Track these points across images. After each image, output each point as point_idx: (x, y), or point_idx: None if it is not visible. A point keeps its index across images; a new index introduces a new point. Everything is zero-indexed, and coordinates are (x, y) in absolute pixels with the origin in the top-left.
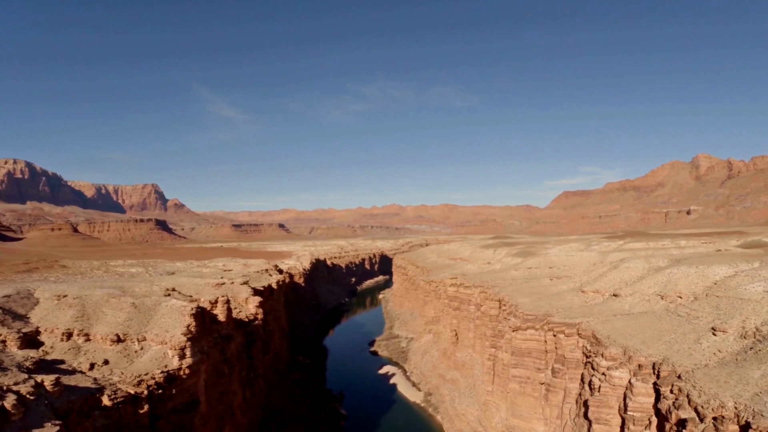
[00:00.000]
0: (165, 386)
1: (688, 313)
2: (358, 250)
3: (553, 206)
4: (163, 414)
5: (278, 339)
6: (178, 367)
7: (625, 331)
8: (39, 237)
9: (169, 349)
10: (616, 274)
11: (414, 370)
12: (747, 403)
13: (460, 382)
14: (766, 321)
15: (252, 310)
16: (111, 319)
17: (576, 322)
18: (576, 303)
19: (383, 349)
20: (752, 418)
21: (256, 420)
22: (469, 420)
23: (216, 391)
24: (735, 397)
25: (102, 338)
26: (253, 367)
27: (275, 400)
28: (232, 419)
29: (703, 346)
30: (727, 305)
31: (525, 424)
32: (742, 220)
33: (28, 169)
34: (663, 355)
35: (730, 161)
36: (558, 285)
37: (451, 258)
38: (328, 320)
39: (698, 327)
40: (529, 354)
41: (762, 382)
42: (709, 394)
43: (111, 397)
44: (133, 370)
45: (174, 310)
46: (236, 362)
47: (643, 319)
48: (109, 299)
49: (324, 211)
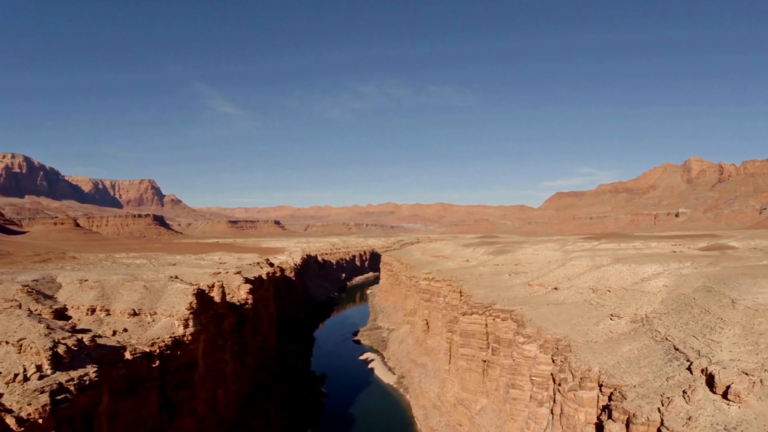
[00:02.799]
0: (172, 348)
1: (599, 302)
2: (349, 248)
3: (545, 207)
4: (170, 370)
5: (267, 324)
6: (182, 334)
7: (547, 316)
8: (42, 231)
9: (175, 321)
10: (562, 270)
11: (391, 356)
12: (607, 368)
13: (429, 366)
14: (655, 310)
15: (243, 295)
16: (127, 298)
17: (512, 309)
18: (521, 294)
19: (365, 338)
20: (606, 378)
21: (245, 391)
22: (431, 397)
23: (212, 358)
24: (601, 364)
25: (120, 312)
26: (243, 344)
27: (262, 377)
28: (224, 384)
29: (599, 328)
30: (630, 297)
31: (471, 397)
32: (729, 223)
33: (26, 163)
34: (565, 334)
35: (721, 165)
36: (513, 279)
37: (434, 256)
38: (317, 312)
39: (602, 313)
40: (473, 336)
41: (626, 354)
42: (584, 361)
43: (131, 353)
44: (147, 336)
45: (179, 291)
46: (228, 337)
47: (565, 307)
48: (124, 283)
49: (320, 208)
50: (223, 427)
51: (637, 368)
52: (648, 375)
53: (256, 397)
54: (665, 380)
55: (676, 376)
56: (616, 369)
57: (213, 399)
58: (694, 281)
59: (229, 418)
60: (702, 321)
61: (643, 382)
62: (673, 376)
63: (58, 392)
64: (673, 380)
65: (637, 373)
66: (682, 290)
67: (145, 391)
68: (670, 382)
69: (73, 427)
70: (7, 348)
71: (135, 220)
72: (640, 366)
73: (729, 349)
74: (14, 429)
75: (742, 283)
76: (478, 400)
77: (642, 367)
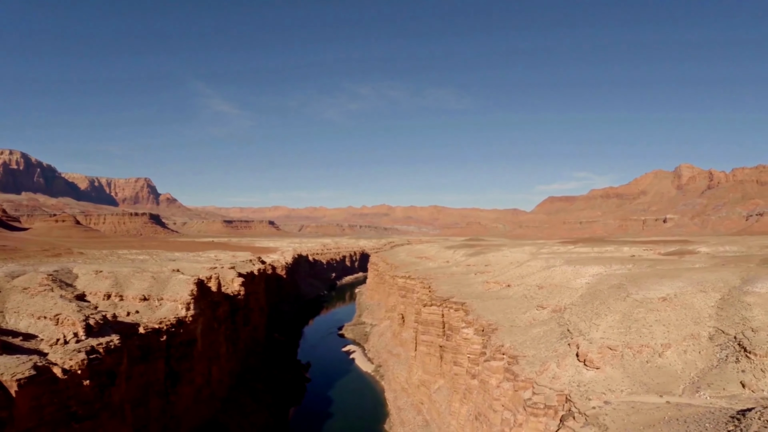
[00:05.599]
0: (176, 326)
1: (533, 296)
2: (340, 248)
3: (537, 211)
4: (174, 344)
5: (257, 316)
6: (184, 315)
7: (490, 307)
8: (44, 228)
9: (179, 304)
10: (518, 270)
11: (371, 348)
12: (516, 345)
13: (402, 355)
14: (573, 302)
15: (236, 288)
16: (138, 286)
17: (465, 301)
18: (478, 290)
19: (349, 332)
20: (512, 351)
21: (236, 371)
22: (400, 381)
23: (208, 339)
24: (512, 342)
25: (133, 298)
26: (235, 330)
27: (252, 362)
28: (218, 362)
29: (525, 316)
30: (558, 292)
31: (431, 378)
32: (715, 229)
33: (24, 159)
34: (497, 320)
35: (711, 172)
36: (477, 278)
37: (417, 257)
38: (306, 309)
39: (531, 305)
40: (432, 324)
41: (534, 334)
42: (501, 340)
43: (144, 328)
44: (155, 316)
45: (182, 280)
46: (222, 322)
47: (508, 300)
48: (135, 273)
49: (315, 209)
50: (216, 399)
51: (537, 344)
52: (542, 348)
53: (245, 377)
54: (552, 352)
55: (560, 349)
56: (523, 345)
57: (208, 374)
58: (614, 280)
59: (221, 392)
60: (596, 310)
61: (536, 354)
62: (557, 349)
63: (91, 352)
64: (557, 352)
65: (536, 348)
66: (599, 287)
67: (154, 359)
68: (554, 353)
69: (101, 380)
70: (45, 322)
71: (132, 219)
72: (540, 343)
73: (604, 330)
74: (60, 377)
75: (648, 281)
76: (436, 381)
77: (540, 343)
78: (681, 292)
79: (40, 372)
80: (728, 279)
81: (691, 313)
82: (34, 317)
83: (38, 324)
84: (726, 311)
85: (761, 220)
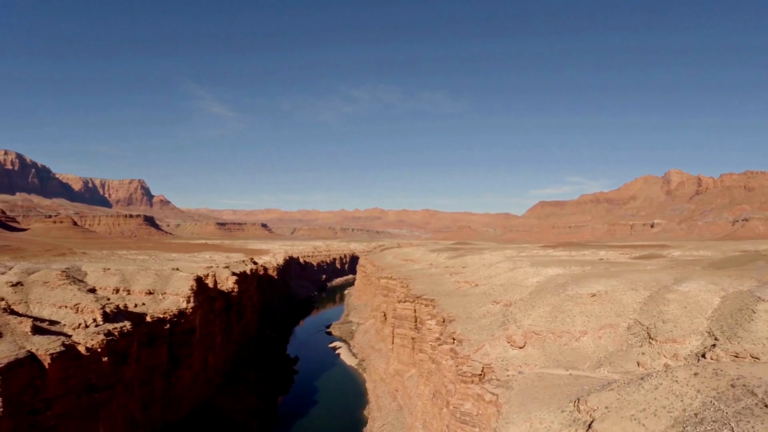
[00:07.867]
0: (178, 317)
1: (491, 293)
2: (331, 251)
3: (528, 216)
4: (176, 332)
5: (250, 312)
6: (185, 307)
7: (454, 303)
8: (42, 228)
9: (180, 298)
10: (488, 271)
11: (356, 344)
12: (465, 331)
13: (383, 350)
14: (521, 298)
15: (230, 285)
16: (143, 282)
17: (434, 298)
18: (450, 288)
19: (336, 330)
20: (460, 336)
21: (230, 361)
22: (379, 372)
23: (205, 329)
24: (462, 329)
25: (139, 292)
26: (229, 324)
27: (244, 355)
28: (214, 351)
29: (480, 310)
30: (512, 289)
31: (405, 368)
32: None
33: (19, 160)
34: (456, 313)
35: (700, 177)
36: (452, 278)
37: (404, 259)
38: (296, 309)
39: (488, 300)
40: (406, 319)
41: (481, 324)
42: (456, 329)
43: (150, 318)
44: (160, 308)
45: (182, 277)
46: (218, 315)
47: (471, 297)
48: (139, 271)
49: (307, 212)
50: (212, 384)
51: (481, 331)
52: (484, 334)
53: (238, 367)
54: (489, 336)
55: (496, 334)
56: (470, 332)
57: (205, 361)
58: (561, 279)
59: (216, 379)
60: (533, 303)
61: (477, 338)
62: (494, 333)
63: (108, 335)
64: (493, 336)
65: (479, 334)
66: (547, 285)
67: (159, 345)
68: (491, 337)
69: (116, 358)
70: (66, 310)
71: (126, 220)
72: (484, 330)
73: (534, 318)
74: (83, 353)
75: (588, 280)
76: (409, 370)
77: (484, 330)
78: (612, 290)
79: (67, 349)
80: (662, 279)
81: (617, 307)
82: (55, 306)
83: (60, 312)
84: (648, 306)
85: (746, 225)
